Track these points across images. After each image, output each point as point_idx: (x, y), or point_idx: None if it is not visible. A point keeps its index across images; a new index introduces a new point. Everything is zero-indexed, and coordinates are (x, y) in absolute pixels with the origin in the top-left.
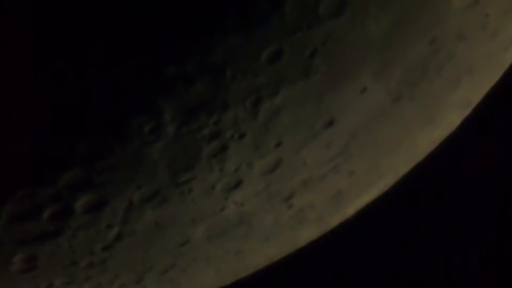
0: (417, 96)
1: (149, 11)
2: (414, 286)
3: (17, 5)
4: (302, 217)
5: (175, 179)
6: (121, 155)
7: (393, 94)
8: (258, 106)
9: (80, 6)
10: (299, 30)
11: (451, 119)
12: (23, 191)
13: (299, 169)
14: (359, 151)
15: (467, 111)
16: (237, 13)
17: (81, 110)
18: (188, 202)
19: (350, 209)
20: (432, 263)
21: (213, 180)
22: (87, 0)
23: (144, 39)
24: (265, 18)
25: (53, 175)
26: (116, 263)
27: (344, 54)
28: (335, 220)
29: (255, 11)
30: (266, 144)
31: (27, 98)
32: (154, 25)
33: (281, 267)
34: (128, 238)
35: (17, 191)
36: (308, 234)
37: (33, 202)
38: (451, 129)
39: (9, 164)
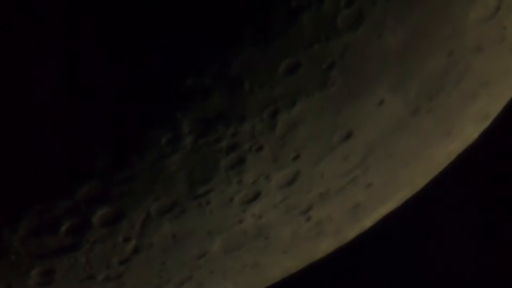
0: (435, 109)
1: (168, 24)
2: None
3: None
4: (320, 229)
5: (193, 191)
6: (138, 167)
7: (411, 106)
8: (275, 118)
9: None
10: (316, 43)
11: (468, 132)
12: (41, 205)
13: (317, 182)
14: (377, 163)
15: (485, 124)
16: (255, 26)
17: (98, 122)
18: (206, 214)
19: (368, 222)
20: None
21: (231, 192)
22: (106, 17)
23: (162, 52)
24: (283, 31)
25: (71, 188)
26: (133, 276)
27: (361, 67)
28: (352, 232)
29: (273, 24)
30: (284, 156)
31: (44, 111)
32: (172, 38)
33: (298, 280)
34: (145, 251)
35: (34, 205)
36: (325, 246)
37: (50, 216)
38: (469, 142)
39: (27, 178)
